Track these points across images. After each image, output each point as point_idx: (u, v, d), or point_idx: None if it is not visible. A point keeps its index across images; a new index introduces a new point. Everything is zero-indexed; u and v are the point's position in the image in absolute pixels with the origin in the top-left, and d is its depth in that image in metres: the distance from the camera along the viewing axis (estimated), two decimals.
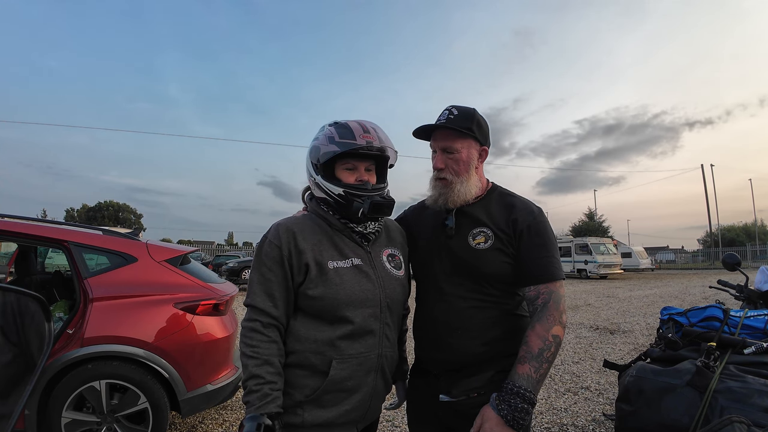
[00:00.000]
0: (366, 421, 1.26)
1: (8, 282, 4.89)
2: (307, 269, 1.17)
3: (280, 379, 1.12)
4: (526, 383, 1.12)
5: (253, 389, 1.07)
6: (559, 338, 1.17)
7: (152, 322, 2.65)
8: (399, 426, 3.18)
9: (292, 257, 1.17)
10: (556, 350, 1.16)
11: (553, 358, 1.16)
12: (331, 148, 1.19)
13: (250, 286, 1.19)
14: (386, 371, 1.26)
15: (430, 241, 1.35)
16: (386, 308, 1.23)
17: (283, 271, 1.17)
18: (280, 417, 1.10)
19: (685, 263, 42.42)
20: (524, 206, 1.30)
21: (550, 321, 1.18)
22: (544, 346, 1.15)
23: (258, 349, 1.11)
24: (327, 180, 1.22)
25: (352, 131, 1.20)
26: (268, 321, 1.14)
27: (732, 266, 3.10)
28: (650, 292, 12.57)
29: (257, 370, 1.09)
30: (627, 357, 5.02)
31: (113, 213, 51.97)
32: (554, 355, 1.16)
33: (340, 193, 1.20)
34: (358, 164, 1.24)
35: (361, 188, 1.21)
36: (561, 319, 1.20)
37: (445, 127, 1.27)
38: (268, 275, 1.17)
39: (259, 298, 1.16)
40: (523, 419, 1.10)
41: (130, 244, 2.89)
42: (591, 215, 43.14)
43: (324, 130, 1.25)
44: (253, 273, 1.20)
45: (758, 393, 1.60)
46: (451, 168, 1.28)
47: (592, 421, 3.22)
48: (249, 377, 1.09)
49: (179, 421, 3.26)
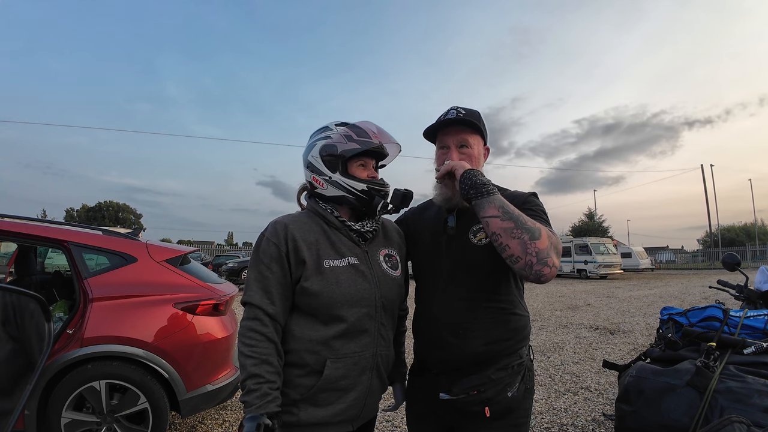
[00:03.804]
0: (362, 420, 1.27)
1: (8, 282, 4.89)
2: (304, 266, 1.18)
3: (279, 379, 1.12)
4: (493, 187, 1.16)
5: (252, 388, 1.07)
6: (538, 233, 1.08)
7: (152, 323, 2.65)
8: (399, 426, 3.17)
9: (290, 254, 1.18)
10: (524, 227, 1.07)
11: (520, 226, 1.07)
12: (352, 146, 1.24)
13: (247, 284, 1.19)
14: (382, 370, 1.26)
15: (431, 241, 1.36)
16: (381, 308, 1.24)
17: (281, 269, 1.17)
18: (279, 416, 1.10)
19: (684, 263, 42.42)
20: (520, 193, 1.33)
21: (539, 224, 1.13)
22: (527, 219, 1.10)
23: (256, 348, 1.11)
24: (346, 176, 1.25)
25: (366, 132, 1.26)
26: (266, 319, 1.14)
27: (732, 266, 3.10)
28: (650, 292, 12.57)
29: (256, 369, 1.09)
30: (627, 357, 5.02)
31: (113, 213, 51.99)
32: (523, 225, 1.08)
33: (364, 188, 1.24)
34: (369, 162, 1.30)
35: (380, 184, 1.27)
36: (552, 234, 1.12)
37: (460, 122, 1.29)
38: (265, 273, 1.17)
39: (257, 296, 1.15)
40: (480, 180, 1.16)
41: (129, 244, 2.90)
42: (591, 215, 43.16)
43: (335, 130, 1.28)
44: (251, 271, 1.20)
45: (758, 393, 1.60)
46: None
47: (592, 421, 3.22)
48: (248, 377, 1.09)
49: (179, 421, 3.26)
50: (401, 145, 1.35)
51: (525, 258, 1.06)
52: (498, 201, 1.12)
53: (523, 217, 1.10)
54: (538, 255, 1.05)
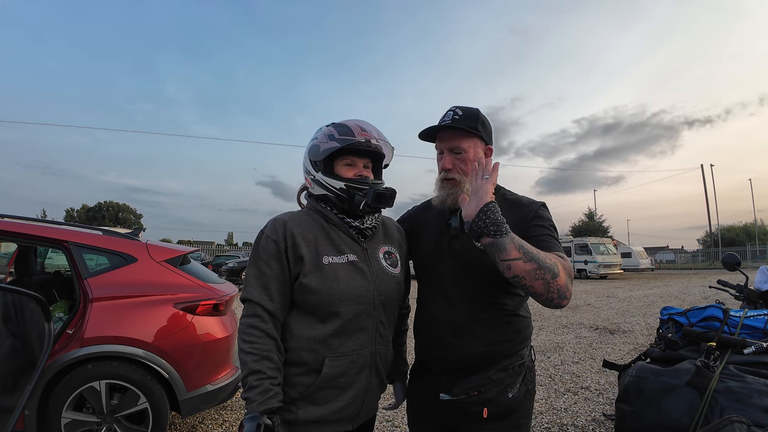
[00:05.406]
0: (361, 419, 1.27)
1: (8, 282, 4.89)
2: (303, 263, 1.18)
3: (279, 375, 1.12)
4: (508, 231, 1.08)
5: (254, 385, 1.07)
6: (557, 269, 1.08)
7: (152, 323, 2.65)
8: (399, 426, 3.17)
9: (289, 251, 1.18)
10: (545, 266, 1.07)
11: (541, 266, 1.06)
12: (332, 144, 1.23)
13: (246, 281, 1.19)
14: (380, 368, 1.26)
15: (434, 241, 1.36)
16: (380, 305, 1.23)
17: (281, 265, 1.17)
18: (281, 411, 1.10)
19: (684, 263, 42.43)
20: (530, 202, 1.32)
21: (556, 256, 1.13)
22: (545, 256, 1.09)
23: (256, 344, 1.11)
24: (327, 176, 1.25)
25: (350, 129, 1.25)
26: (265, 315, 1.14)
27: (732, 266, 3.10)
28: (650, 292, 12.57)
29: (256, 365, 1.09)
30: (627, 357, 5.02)
31: (113, 213, 51.99)
32: (544, 265, 1.07)
33: (342, 187, 1.23)
34: (357, 161, 1.28)
35: (361, 182, 1.25)
36: (566, 264, 1.12)
37: (451, 127, 1.27)
38: (264, 269, 1.17)
39: (256, 292, 1.15)
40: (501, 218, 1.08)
41: (129, 245, 2.89)
42: (591, 215, 43.16)
43: (323, 130, 1.29)
44: (250, 268, 1.20)
45: (758, 393, 1.60)
46: (459, 168, 1.29)
47: (592, 421, 3.22)
48: (248, 373, 1.09)
49: (179, 421, 3.26)
50: (398, 145, 1.34)
51: (547, 295, 1.08)
52: (517, 240, 1.08)
53: (542, 255, 1.09)
54: (559, 291, 1.08)
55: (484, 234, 1.07)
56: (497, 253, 1.07)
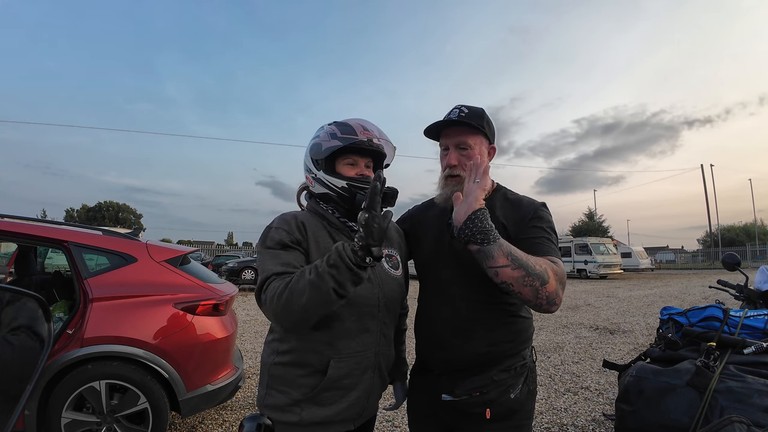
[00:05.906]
0: (363, 419, 1.26)
1: (8, 282, 4.89)
2: (308, 260, 1.17)
3: None
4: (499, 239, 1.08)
5: (332, 263, 0.99)
6: (546, 276, 1.07)
7: (152, 323, 2.65)
8: (399, 426, 3.17)
9: (302, 242, 1.17)
10: (534, 273, 1.07)
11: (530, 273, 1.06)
12: (334, 143, 1.23)
13: (261, 266, 1.13)
14: (383, 369, 1.27)
15: (434, 241, 1.35)
16: (384, 307, 1.23)
17: (295, 251, 1.15)
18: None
19: (684, 263, 42.42)
20: (530, 202, 1.31)
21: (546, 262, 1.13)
22: (534, 261, 1.09)
23: (297, 277, 1.04)
24: (329, 174, 1.24)
25: (353, 128, 1.25)
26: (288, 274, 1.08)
27: (732, 266, 3.10)
28: (650, 292, 12.57)
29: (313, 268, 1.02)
30: (627, 357, 5.02)
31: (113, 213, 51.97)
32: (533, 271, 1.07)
33: (344, 186, 1.22)
34: (359, 160, 1.27)
35: (363, 181, 1.24)
36: (557, 269, 1.12)
37: (459, 123, 1.27)
38: (277, 251, 1.13)
39: (275, 267, 1.10)
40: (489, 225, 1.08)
41: (129, 245, 2.89)
42: (591, 215, 43.15)
43: (324, 129, 1.28)
44: (262, 257, 1.15)
45: (758, 393, 1.60)
46: (464, 165, 1.28)
47: (592, 421, 3.22)
48: (313, 272, 1.01)
49: (179, 421, 3.26)
50: (400, 145, 1.33)
51: (535, 301, 1.09)
52: (506, 247, 1.08)
53: (531, 261, 1.09)
54: (548, 297, 1.08)
55: (471, 242, 1.08)
56: (485, 260, 1.09)
